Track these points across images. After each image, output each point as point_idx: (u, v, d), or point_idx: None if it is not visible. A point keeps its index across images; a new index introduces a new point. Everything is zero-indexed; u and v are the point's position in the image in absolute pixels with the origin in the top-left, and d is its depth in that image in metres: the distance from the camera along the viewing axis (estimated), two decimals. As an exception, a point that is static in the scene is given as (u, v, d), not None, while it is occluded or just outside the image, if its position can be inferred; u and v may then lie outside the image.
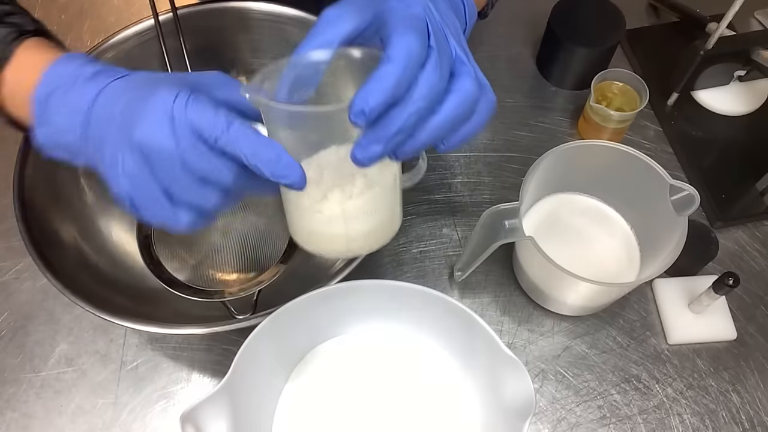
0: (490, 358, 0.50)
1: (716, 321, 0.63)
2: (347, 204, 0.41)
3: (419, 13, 0.37)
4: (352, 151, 0.36)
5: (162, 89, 0.37)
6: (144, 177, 0.37)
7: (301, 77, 0.39)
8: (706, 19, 0.79)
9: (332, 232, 0.42)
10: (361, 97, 0.34)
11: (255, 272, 0.63)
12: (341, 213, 0.41)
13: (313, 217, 0.41)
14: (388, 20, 0.36)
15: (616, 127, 0.70)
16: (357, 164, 0.36)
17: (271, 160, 0.36)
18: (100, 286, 0.57)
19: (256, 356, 0.51)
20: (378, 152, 0.36)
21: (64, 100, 0.41)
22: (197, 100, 0.37)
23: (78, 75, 0.41)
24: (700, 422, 0.60)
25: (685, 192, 0.54)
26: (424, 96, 0.36)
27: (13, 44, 0.44)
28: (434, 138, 0.38)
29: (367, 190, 0.41)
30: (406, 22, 0.36)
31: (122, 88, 0.40)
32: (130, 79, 0.41)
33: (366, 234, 0.43)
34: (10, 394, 0.62)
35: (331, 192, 0.41)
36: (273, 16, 0.65)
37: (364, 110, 0.34)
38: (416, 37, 0.35)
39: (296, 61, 0.38)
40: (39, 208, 0.57)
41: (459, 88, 0.38)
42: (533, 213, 0.65)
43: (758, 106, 0.76)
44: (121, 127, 0.38)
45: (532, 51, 0.82)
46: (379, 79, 0.34)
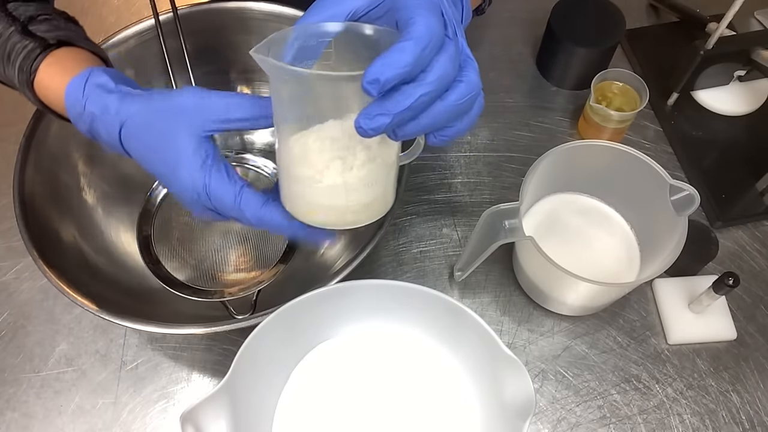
0: (490, 358, 0.50)
1: (716, 321, 0.63)
2: (348, 175, 0.41)
3: (436, 2, 0.38)
4: (358, 120, 0.36)
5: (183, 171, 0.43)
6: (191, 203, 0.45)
7: (305, 47, 0.39)
8: (706, 19, 0.79)
9: (331, 203, 0.42)
10: (378, 65, 0.34)
11: (255, 272, 0.63)
12: (342, 183, 0.41)
13: (313, 186, 0.41)
14: (405, 3, 0.37)
15: (616, 127, 0.70)
16: (361, 133, 0.36)
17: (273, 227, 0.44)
18: (100, 286, 0.57)
19: (256, 356, 0.51)
20: (384, 124, 0.36)
21: (94, 128, 0.45)
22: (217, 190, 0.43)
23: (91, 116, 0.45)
24: (700, 422, 0.60)
25: (685, 192, 0.54)
26: (438, 80, 0.36)
27: (38, 60, 0.47)
28: (434, 124, 0.39)
29: (369, 162, 0.41)
30: (427, 6, 0.36)
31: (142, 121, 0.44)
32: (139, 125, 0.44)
33: (365, 205, 0.43)
34: (10, 394, 0.62)
35: (332, 162, 0.41)
36: (273, 16, 0.65)
37: (380, 79, 0.34)
38: (438, 22, 0.36)
39: (303, 31, 0.38)
40: (39, 208, 0.57)
41: (466, 79, 0.38)
42: (533, 213, 0.65)
43: (758, 106, 0.76)
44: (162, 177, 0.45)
45: (532, 51, 0.82)
46: (398, 52, 0.34)
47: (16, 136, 0.58)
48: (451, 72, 0.37)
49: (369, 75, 0.34)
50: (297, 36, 0.39)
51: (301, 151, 0.41)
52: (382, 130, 0.36)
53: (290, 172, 0.42)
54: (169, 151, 0.43)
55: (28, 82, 0.47)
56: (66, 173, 0.62)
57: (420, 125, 0.38)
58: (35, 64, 0.46)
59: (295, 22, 0.41)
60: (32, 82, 0.47)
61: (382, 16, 0.40)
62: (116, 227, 0.64)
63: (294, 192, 0.43)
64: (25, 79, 0.47)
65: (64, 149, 0.62)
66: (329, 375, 0.58)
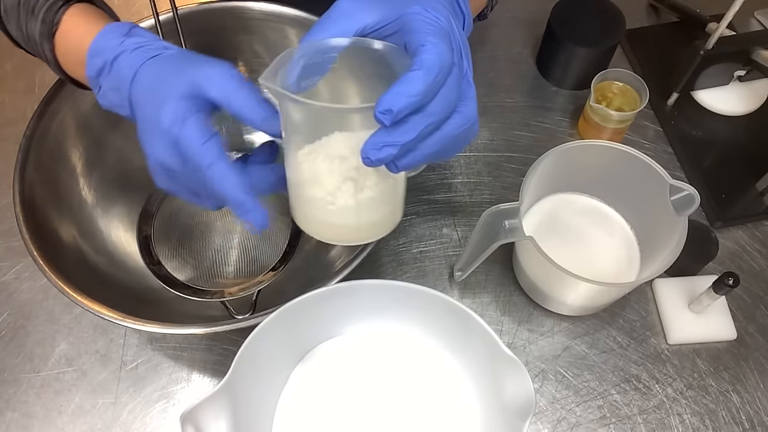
0: (490, 358, 0.50)
1: (716, 321, 0.63)
2: (360, 196, 0.41)
3: (446, 26, 0.37)
4: (365, 151, 0.36)
5: (165, 110, 0.40)
6: (170, 181, 0.43)
7: (311, 64, 0.39)
8: (706, 19, 0.79)
9: (343, 223, 0.42)
10: (391, 95, 0.34)
11: (255, 272, 0.63)
12: (355, 204, 0.41)
13: (325, 208, 0.41)
14: (417, 26, 0.36)
15: (616, 127, 0.70)
16: (367, 163, 0.36)
17: (239, 203, 0.40)
18: (100, 286, 0.57)
19: (256, 356, 0.51)
20: (391, 155, 0.36)
21: (109, 80, 0.44)
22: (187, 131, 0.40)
23: (120, 51, 0.44)
24: (700, 422, 0.60)
25: (685, 192, 0.54)
26: (442, 110, 0.36)
27: (60, 11, 0.47)
28: (431, 155, 0.38)
29: (381, 183, 0.41)
30: (438, 33, 0.36)
31: (147, 84, 0.43)
32: (155, 67, 0.43)
33: (376, 223, 0.44)
34: (10, 394, 0.62)
35: (344, 184, 0.41)
36: (273, 16, 0.65)
37: (393, 110, 0.34)
38: (448, 49, 0.35)
39: (308, 49, 0.38)
40: (39, 208, 0.57)
41: (464, 110, 0.38)
42: (533, 213, 0.65)
43: (758, 106, 0.76)
44: (143, 140, 0.42)
45: (532, 51, 0.82)
46: (410, 82, 0.34)
47: (16, 136, 0.58)
48: (454, 100, 0.37)
49: (382, 105, 0.34)
50: (303, 54, 0.39)
51: (312, 173, 0.41)
52: (389, 160, 0.36)
53: (301, 192, 0.42)
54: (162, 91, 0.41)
55: (50, 33, 0.47)
56: (66, 173, 0.62)
57: (420, 156, 0.38)
58: (58, 15, 0.47)
59: (294, 22, 0.41)
60: (53, 34, 0.47)
61: (389, 36, 0.39)
62: (116, 227, 0.64)
63: (305, 210, 0.43)
64: (46, 31, 0.47)
65: (64, 149, 0.62)
66: (329, 375, 0.58)
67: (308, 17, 0.64)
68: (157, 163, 0.42)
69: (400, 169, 0.38)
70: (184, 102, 0.40)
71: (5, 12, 0.49)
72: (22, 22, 0.49)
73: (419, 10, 0.37)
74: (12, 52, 0.80)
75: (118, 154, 0.66)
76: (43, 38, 0.48)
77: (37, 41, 0.48)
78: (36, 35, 0.48)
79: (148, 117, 0.42)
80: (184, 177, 0.42)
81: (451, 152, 0.41)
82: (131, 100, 0.44)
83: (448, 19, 0.38)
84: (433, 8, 0.38)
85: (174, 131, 0.40)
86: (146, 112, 0.42)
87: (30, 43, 0.50)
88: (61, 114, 0.61)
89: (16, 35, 0.51)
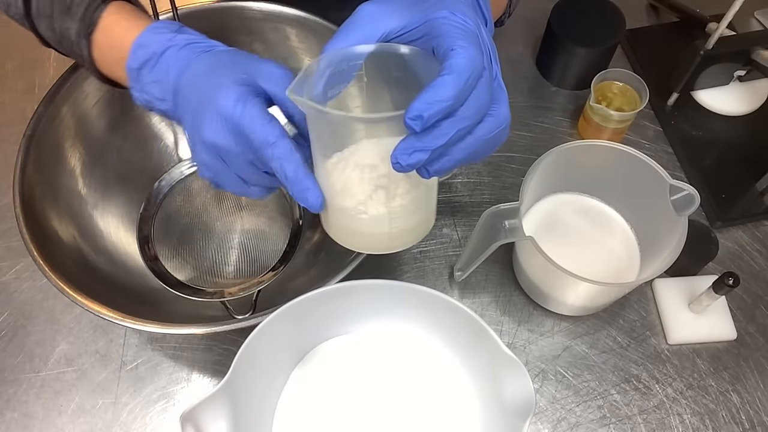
0: (490, 358, 0.50)
1: (716, 321, 0.63)
2: (392, 203, 0.40)
3: (474, 30, 0.37)
4: (395, 156, 0.35)
5: (224, 92, 0.40)
6: (218, 166, 0.42)
7: (336, 73, 0.39)
8: (706, 19, 0.79)
9: (375, 231, 0.42)
10: (422, 102, 0.33)
11: (255, 272, 0.63)
12: (387, 213, 0.41)
13: (357, 217, 0.41)
14: (445, 30, 0.36)
15: (616, 127, 0.70)
16: (397, 169, 0.36)
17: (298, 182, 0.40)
18: (100, 286, 0.57)
19: (256, 356, 0.51)
20: (422, 160, 0.35)
21: (154, 72, 0.45)
22: (251, 110, 0.40)
23: (169, 45, 0.44)
24: (700, 422, 0.60)
25: (685, 192, 0.54)
26: (474, 114, 0.36)
27: (99, 9, 0.47)
28: (464, 159, 0.38)
29: (413, 190, 0.40)
30: (467, 36, 0.35)
31: (200, 72, 0.43)
32: (209, 59, 0.43)
33: (409, 231, 0.43)
34: (10, 394, 0.62)
35: (375, 192, 0.40)
36: (273, 16, 0.65)
37: (423, 116, 0.33)
38: (478, 53, 0.35)
39: (333, 57, 0.38)
40: (39, 208, 0.57)
41: (496, 113, 0.38)
42: (533, 213, 0.65)
43: (758, 106, 0.76)
44: (195, 123, 0.42)
45: (532, 51, 0.82)
46: (441, 86, 0.33)
47: (16, 136, 0.58)
48: (486, 104, 0.36)
49: (412, 111, 0.33)
50: (329, 63, 0.38)
51: (341, 182, 0.40)
52: (419, 165, 0.36)
53: (332, 202, 0.41)
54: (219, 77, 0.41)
55: (87, 32, 0.47)
56: (66, 173, 0.62)
57: (452, 160, 0.37)
58: (97, 12, 0.47)
59: (294, 22, 0.41)
60: (91, 32, 0.47)
61: (415, 40, 0.38)
62: (116, 227, 0.64)
63: (336, 220, 0.43)
64: (84, 29, 0.47)
65: (64, 149, 0.62)
66: (329, 375, 0.58)
67: (308, 17, 0.64)
68: (208, 148, 0.41)
69: (432, 174, 0.38)
70: (243, 87, 0.41)
71: (36, 11, 0.49)
72: (55, 21, 0.48)
73: (446, 14, 0.37)
74: (12, 52, 0.80)
75: (118, 154, 0.66)
76: (80, 36, 0.48)
77: (73, 40, 0.48)
78: (72, 34, 0.48)
79: (201, 101, 0.41)
80: (236, 161, 0.41)
81: (483, 155, 0.40)
82: (177, 90, 0.44)
83: (476, 23, 0.37)
84: (460, 12, 0.37)
85: (237, 111, 0.40)
86: (200, 97, 0.42)
87: (63, 42, 0.49)
88: (61, 114, 0.61)
89: (46, 34, 0.50)
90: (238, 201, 0.66)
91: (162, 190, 0.66)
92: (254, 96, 0.41)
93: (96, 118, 0.64)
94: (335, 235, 0.44)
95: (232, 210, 0.66)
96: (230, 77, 0.41)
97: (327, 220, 0.44)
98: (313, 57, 0.68)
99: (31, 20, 0.50)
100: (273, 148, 0.39)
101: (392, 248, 0.44)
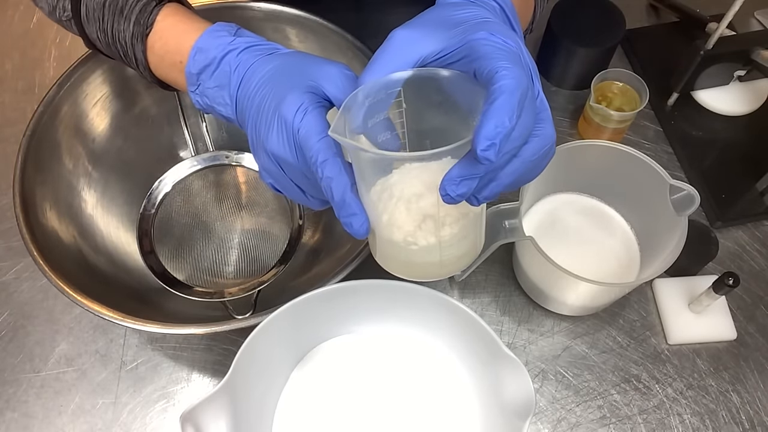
0: (490, 358, 0.50)
1: (716, 321, 0.63)
2: (442, 233, 0.39)
3: (515, 49, 0.36)
4: (443, 188, 0.34)
5: (288, 99, 0.39)
6: (279, 174, 0.42)
7: (375, 102, 0.38)
8: (706, 19, 0.79)
9: (426, 261, 0.41)
10: (490, 130, 0.32)
11: (255, 272, 0.63)
12: (437, 242, 0.39)
13: (408, 248, 0.40)
14: (486, 51, 0.35)
15: (616, 127, 0.70)
16: (447, 201, 0.34)
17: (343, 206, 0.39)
18: (100, 286, 0.57)
19: (256, 356, 0.51)
20: (471, 189, 0.34)
21: (215, 77, 0.44)
22: (308, 122, 0.39)
23: (229, 49, 0.44)
24: (700, 422, 0.60)
25: (685, 192, 0.54)
26: (521, 136, 0.34)
27: (154, 12, 0.47)
28: (512, 183, 0.37)
29: (462, 218, 0.39)
30: (510, 57, 0.34)
31: (264, 77, 0.42)
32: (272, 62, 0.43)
33: (459, 257, 0.42)
34: (10, 394, 0.62)
35: (424, 222, 0.39)
36: (273, 16, 0.65)
37: (496, 143, 0.32)
38: (524, 73, 0.34)
39: (371, 88, 0.37)
40: (39, 208, 0.57)
41: (541, 133, 0.37)
42: (533, 213, 0.65)
43: (758, 106, 0.76)
44: (258, 129, 0.41)
45: (532, 51, 0.82)
46: (500, 111, 0.32)
47: (16, 136, 0.58)
48: (531, 124, 0.35)
49: (483, 143, 0.32)
50: (367, 94, 0.37)
51: (388, 215, 0.39)
52: (468, 195, 0.35)
53: (380, 233, 0.40)
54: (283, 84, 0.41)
55: (143, 35, 0.47)
56: (66, 173, 0.62)
57: (500, 185, 0.36)
58: (152, 16, 0.46)
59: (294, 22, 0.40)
60: (147, 35, 0.47)
61: (453, 63, 0.37)
62: (116, 227, 0.64)
63: (385, 250, 0.42)
64: (140, 33, 0.47)
65: (64, 149, 0.62)
66: (329, 375, 0.58)
67: (308, 17, 0.64)
68: (269, 156, 0.41)
69: (481, 201, 0.37)
70: (306, 95, 0.39)
71: (86, 15, 0.49)
72: (107, 24, 0.48)
73: (485, 35, 0.35)
74: (12, 52, 0.80)
75: (118, 154, 0.66)
76: (136, 39, 0.47)
77: (127, 42, 0.48)
78: (127, 37, 0.47)
79: (265, 109, 0.41)
80: (295, 172, 0.41)
81: (531, 177, 0.39)
82: (240, 95, 0.43)
83: (515, 41, 0.36)
84: (499, 32, 0.36)
85: (295, 123, 0.39)
86: (264, 104, 0.41)
87: (114, 45, 0.49)
88: (61, 114, 0.61)
89: (96, 37, 0.50)
90: (238, 201, 0.66)
91: (162, 190, 0.66)
92: (316, 106, 0.39)
93: (96, 118, 0.64)
94: (385, 264, 0.43)
95: (232, 210, 0.66)
96: (295, 84, 0.40)
97: (376, 248, 0.43)
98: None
99: (80, 23, 0.49)
100: (323, 167, 0.38)
101: (443, 275, 0.43)
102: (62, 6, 0.49)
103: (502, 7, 0.42)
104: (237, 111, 0.44)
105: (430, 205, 0.39)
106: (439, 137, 0.40)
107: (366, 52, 0.63)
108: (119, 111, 0.65)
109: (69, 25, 0.50)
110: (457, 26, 0.37)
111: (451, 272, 0.43)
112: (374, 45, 0.62)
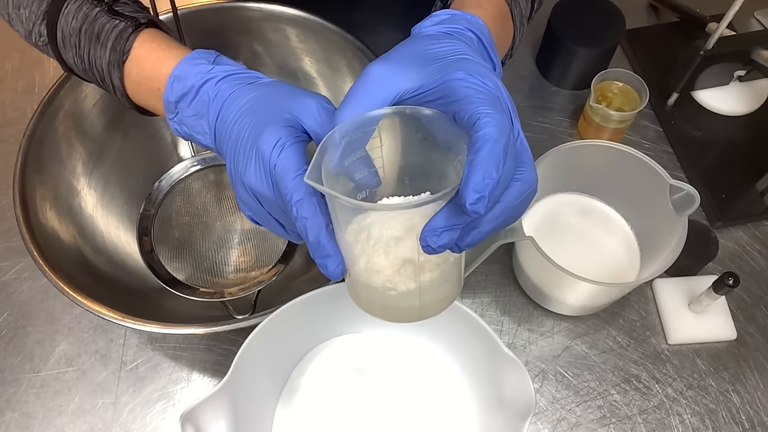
0: (490, 358, 0.50)
1: (716, 321, 0.63)
2: (422, 278, 0.38)
3: (494, 91, 0.35)
4: (423, 239, 0.33)
5: (266, 134, 0.39)
6: (257, 208, 0.41)
7: (352, 141, 0.37)
8: (706, 19, 0.79)
9: (406, 305, 0.40)
10: (477, 182, 0.31)
11: (255, 272, 0.63)
12: (417, 287, 0.39)
13: (386, 293, 0.39)
14: (465, 94, 0.34)
15: (616, 127, 0.70)
16: (427, 252, 0.34)
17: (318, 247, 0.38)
18: (100, 286, 0.57)
19: (256, 356, 0.51)
20: (453, 239, 0.34)
21: (193, 106, 0.43)
22: (285, 159, 0.38)
23: (208, 78, 0.43)
24: (700, 422, 0.60)
25: (685, 192, 0.54)
26: (504, 182, 0.34)
27: (130, 38, 0.46)
28: (493, 229, 0.36)
29: (442, 263, 0.39)
30: (489, 101, 0.34)
31: (242, 108, 0.41)
32: (251, 93, 0.42)
33: (439, 300, 0.41)
34: (10, 394, 0.62)
35: (403, 268, 0.38)
36: (273, 16, 0.65)
37: (485, 195, 0.31)
38: (505, 117, 0.33)
39: (348, 128, 0.36)
40: (39, 208, 0.57)
41: (523, 177, 0.36)
42: (533, 213, 0.65)
43: (758, 106, 0.76)
44: (236, 162, 0.41)
45: (532, 51, 0.82)
46: (485, 162, 0.31)
47: (16, 136, 0.58)
48: (512, 169, 0.34)
49: (472, 195, 0.31)
50: (343, 134, 0.36)
51: (366, 258, 0.38)
52: (450, 245, 0.34)
53: (357, 278, 0.40)
54: (261, 116, 0.40)
55: (120, 62, 0.46)
56: (66, 173, 0.62)
57: (481, 233, 0.36)
58: (128, 43, 0.46)
59: (294, 22, 0.40)
60: (124, 62, 0.46)
61: (430, 102, 0.36)
62: (116, 227, 0.64)
63: (363, 293, 0.41)
64: (116, 59, 0.46)
65: (64, 149, 0.62)
66: (329, 375, 0.58)
67: (308, 17, 0.64)
68: (247, 190, 0.40)
69: (462, 249, 0.36)
70: (284, 130, 0.39)
71: (62, 40, 0.48)
72: (83, 50, 0.47)
73: (463, 75, 0.35)
74: (12, 52, 0.80)
75: (118, 154, 0.66)
76: (113, 66, 0.46)
77: (104, 69, 0.47)
78: (103, 64, 0.46)
79: (243, 142, 0.40)
80: (272, 206, 0.40)
81: (511, 221, 0.38)
82: (219, 125, 0.42)
83: (494, 82, 0.36)
84: (477, 73, 0.35)
85: (272, 158, 0.38)
86: (243, 136, 0.40)
87: (91, 71, 0.48)
88: (61, 114, 0.61)
89: (73, 63, 0.49)
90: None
91: (162, 190, 0.66)
92: (294, 141, 0.39)
93: (96, 118, 0.64)
94: (364, 307, 0.42)
95: (232, 210, 0.66)
96: (273, 116, 0.39)
97: (353, 290, 0.42)
98: (313, 57, 0.68)
99: (56, 48, 0.48)
100: (298, 207, 0.37)
101: (423, 318, 0.42)
102: (38, 31, 0.48)
103: (480, 38, 0.41)
104: (216, 141, 0.43)
105: (409, 250, 0.37)
106: (418, 173, 0.40)
107: (366, 52, 0.63)
108: (119, 111, 0.65)
109: (46, 49, 0.49)
110: (434, 62, 0.37)
111: (431, 315, 0.42)
112: (374, 44, 0.63)
